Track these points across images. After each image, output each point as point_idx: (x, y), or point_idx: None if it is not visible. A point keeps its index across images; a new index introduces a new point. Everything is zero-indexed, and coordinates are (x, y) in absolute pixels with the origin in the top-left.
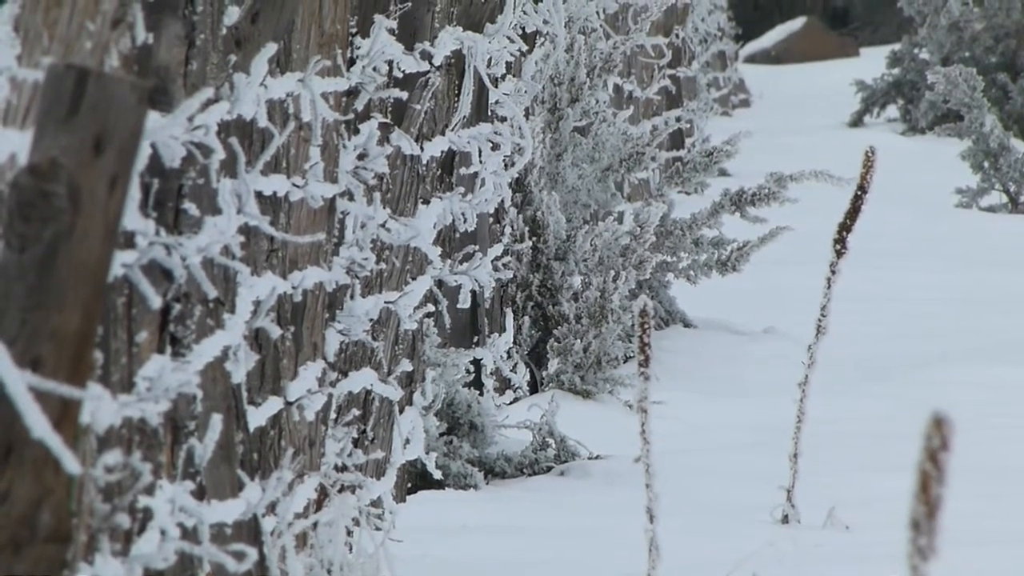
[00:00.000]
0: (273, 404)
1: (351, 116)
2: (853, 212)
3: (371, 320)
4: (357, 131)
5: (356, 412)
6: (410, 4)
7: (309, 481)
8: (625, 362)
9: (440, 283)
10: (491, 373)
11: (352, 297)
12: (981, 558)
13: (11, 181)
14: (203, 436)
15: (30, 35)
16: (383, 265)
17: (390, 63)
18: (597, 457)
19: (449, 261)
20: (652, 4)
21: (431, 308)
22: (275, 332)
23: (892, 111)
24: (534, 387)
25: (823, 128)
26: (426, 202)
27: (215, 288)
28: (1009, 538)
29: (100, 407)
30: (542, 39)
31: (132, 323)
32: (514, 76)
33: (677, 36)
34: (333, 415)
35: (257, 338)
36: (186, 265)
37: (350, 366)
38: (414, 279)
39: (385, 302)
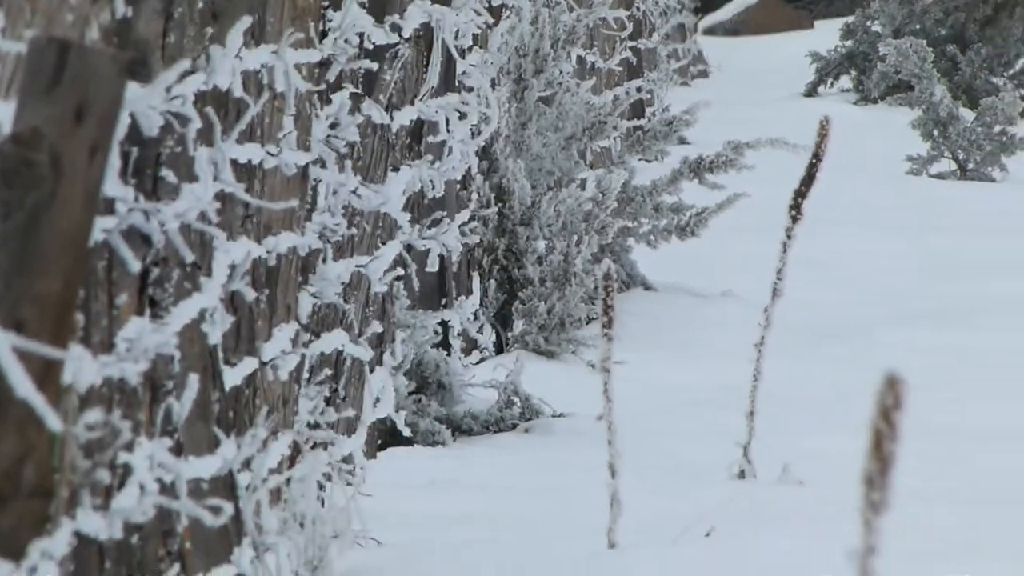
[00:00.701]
0: (248, 364)
1: (323, 87)
2: (808, 179)
3: (343, 283)
4: (329, 101)
5: (328, 372)
6: None
7: (283, 438)
8: (588, 323)
9: (409, 247)
10: (458, 334)
11: (324, 261)
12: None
13: None
14: (180, 395)
15: (13, 8)
16: (354, 230)
17: (361, 35)
18: (560, 415)
19: (418, 226)
20: None
21: (400, 272)
22: (250, 295)
23: (845, 82)
24: (500, 348)
25: (779, 98)
26: (395, 169)
27: (192, 253)
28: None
29: (81, 367)
30: (508, 12)
31: (112, 286)
32: (481, 48)
33: (638, 9)
34: (306, 375)
35: (232, 301)
36: (164, 230)
37: (322, 327)
38: (384, 244)
39: (356, 266)
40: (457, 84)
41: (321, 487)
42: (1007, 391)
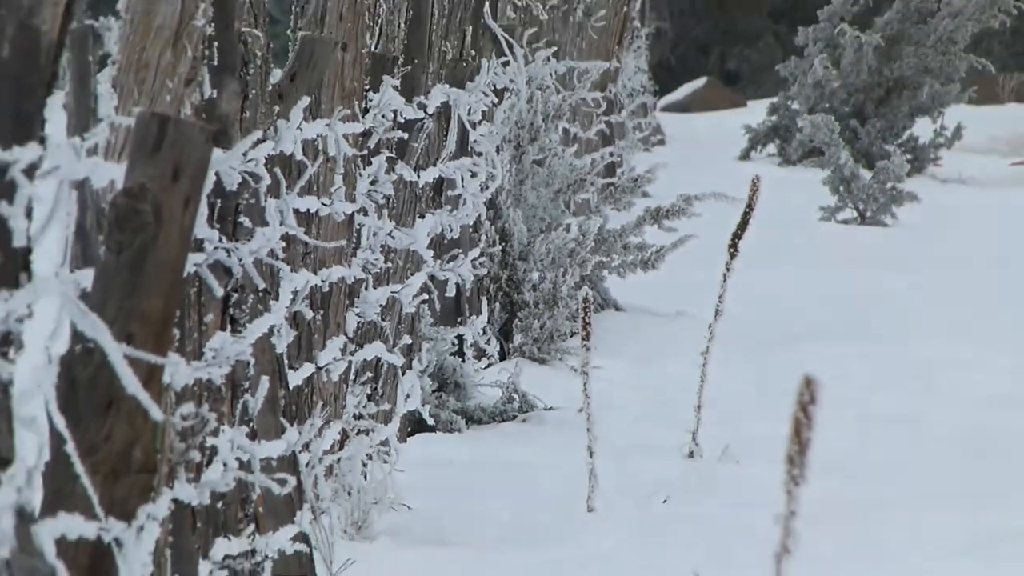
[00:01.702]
0: (307, 368)
1: (365, 152)
2: (743, 224)
3: (381, 305)
4: (370, 163)
5: (369, 374)
6: (410, 68)
7: (334, 426)
8: (571, 337)
9: (432, 277)
10: (470, 345)
11: (366, 288)
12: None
13: (111, 201)
14: (255, 393)
15: (124, 91)
16: (389, 264)
17: (395, 112)
18: (550, 408)
19: (439, 261)
20: (591, 68)
21: (425, 296)
22: (308, 314)
23: (771, 148)
24: (503, 355)
25: (720, 161)
26: (422, 216)
27: (263, 281)
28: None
29: (177, 371)
30: (509, 93)
31: (201, 308)
32: (488, 121)
33: (610, 91)
34: (352, 377)
35: (295, 319)
36: (241, 264)
37: (364, 340)
38: (412, 275)
39: (391, 292)
40: (470, 150)
41: (364, 464)
42: (902, 386)
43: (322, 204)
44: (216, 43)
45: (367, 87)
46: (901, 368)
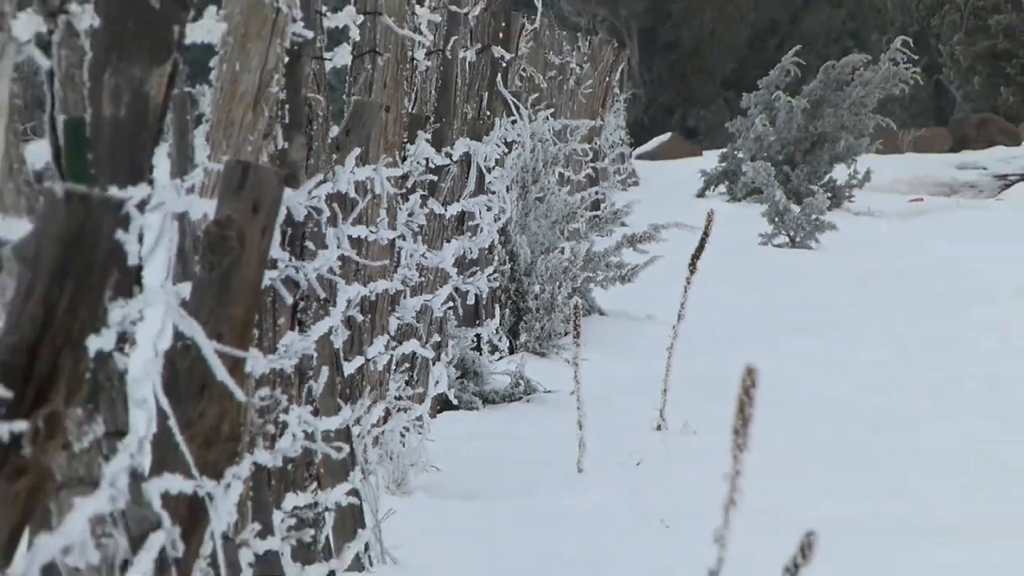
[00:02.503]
0: (358, 360)
1: (404, 191)
2: (700, 248)
3: (416, 311)
4: (407, 199)
5: (407, 365)
6: (439, 125)
7: (379, 406)
8: (565, 336)
9: (456, 289)
10: (486, 342)
11: (405, 297)
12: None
13: (204, 229)
14: (317, 379)
15: (215, 143)
16: (423, 278)
17: (427, 159)
18: (549, 391)
19: (461, 276)
20: (581, 125)
21: (451, 303)
22: (359, 318)
23: (722, 188)
24: (511, 350)
25: (681, 199)
26: (448, 241)
27: (324, 292)
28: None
29: (256, 362)
30: (516, 145)
31: (275, 313)
32: (500, 167)
33: (596, 144)
34: (393, 367)
35: (348, 322)
36: (306, 278)
37: (403, 338)
38: (441, 287)
39: (424, 301)
40: (486, 189)
41: (402, 435)
42: (827, 374)
43: (369, 232)
44: (287, 105)
45: (405, 140)
46: (826, 360)
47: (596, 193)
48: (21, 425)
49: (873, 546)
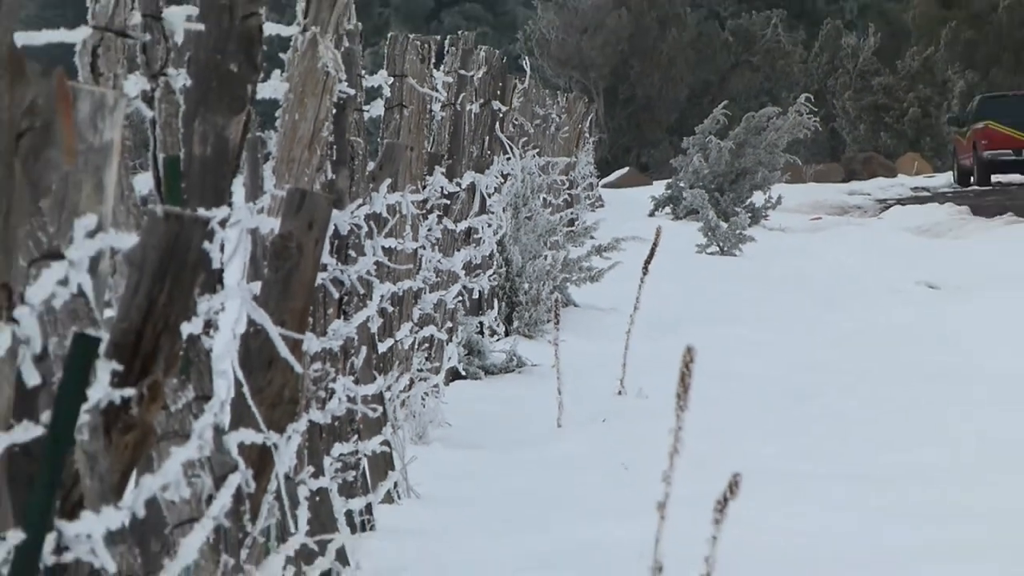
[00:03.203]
0: (389, 342)
1: (424, 211)
2: (650, 255)
3: (433, 304)
4: (427, 218)
5: (426, 345)
6: (451, 161)
7: (405, 376)
8: (547, 323)
9: (464, 287)
10: (487, 327)
11: (425, 293)
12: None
13: (271, 241)
14: (358, 356)
15: (279, 175)
16: (438, 279)
17: (442, 188)
18: (535, 365)
19: (468, 276)
20: (560, 162)
21: (460, 298)
22: (390, 309)
23: (668, 209)
24: (507, 333)
25: (636, 217)
26: (458, 250)
27: (363, 289)
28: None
29: (311, 343)
30: (511, 176)
31: (325, 305)
32: (498, 193)
33: (571, 175)
34: (416, 347)
35: (382, 312)
36: (349, 278)
37: (424, 324)
38: (452, 285)
39: (440, 296)
40: (487, 210)
41: (423, 398)
42: (749, 353)
43: (398, 243)
44: (334, 146)
45: (426, 173)
46: (747, 341)
47: (571, 213)
48: (130, 391)
49: (787, 486)
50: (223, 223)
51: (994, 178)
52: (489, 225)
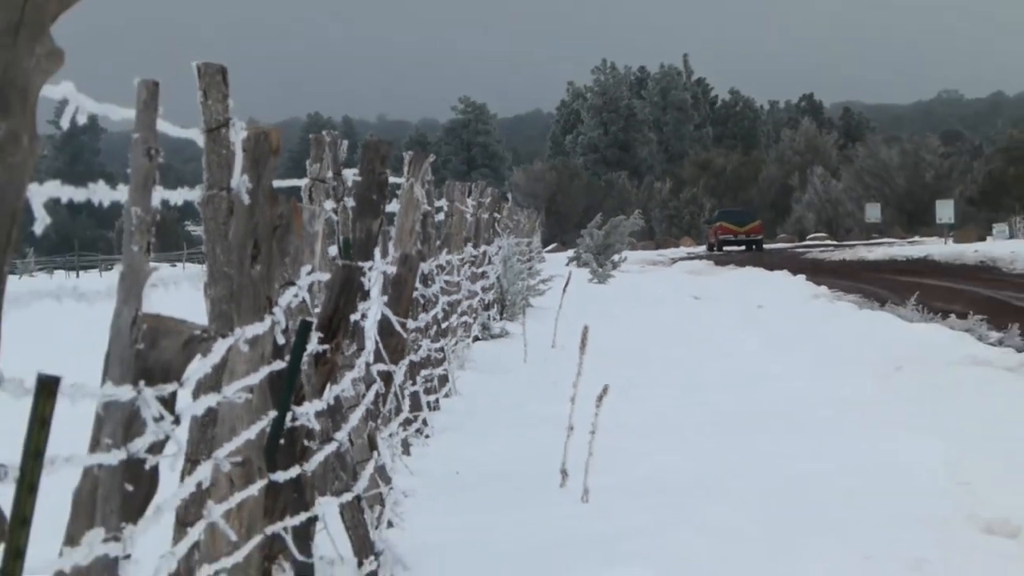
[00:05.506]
0: (446, 323)
1: (461, 263)
2: (567, 283)
3: (467, 306)
4: (464, 267)
5: (464, 324)
6: (474, 239)
7: (454, 340)
8: (520, 314)
9: (481, 298)
10: (491, 317)
11: (461, 301)
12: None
13: (392, 277)
14: (431, 330)
15: (398, 244)
16: (469, 294)
17: (471, 252)
18: (514, 335)
19: (483, 292)
20: (524, 239)
21: (480, 302)
22: (447, 309)
23: (575, 263)
24: (501, 318)
25: (560, 267)
26: (478, 280)
27: (434, 300)
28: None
29: (410, 324)
30: (502, 247)
31: (415, 306)
32: (496, 255)
33: (530, 246)
34: (456, 327)
35: (444, 311)
36: (427, 295)
37: (462, 315)
38: (475, 297)
39: (469, 303)
40: (491, 262)
41: (463, 350)
42: (629, 337)
43: (450, 278)
44: (420, 234)
45: (464, 245)
46: (611, 324)
47: (530, 264)
48: (326, 346)
49: (641, 392)
50: (369, 269)
51: (725, 248)
52: (493, 270)
